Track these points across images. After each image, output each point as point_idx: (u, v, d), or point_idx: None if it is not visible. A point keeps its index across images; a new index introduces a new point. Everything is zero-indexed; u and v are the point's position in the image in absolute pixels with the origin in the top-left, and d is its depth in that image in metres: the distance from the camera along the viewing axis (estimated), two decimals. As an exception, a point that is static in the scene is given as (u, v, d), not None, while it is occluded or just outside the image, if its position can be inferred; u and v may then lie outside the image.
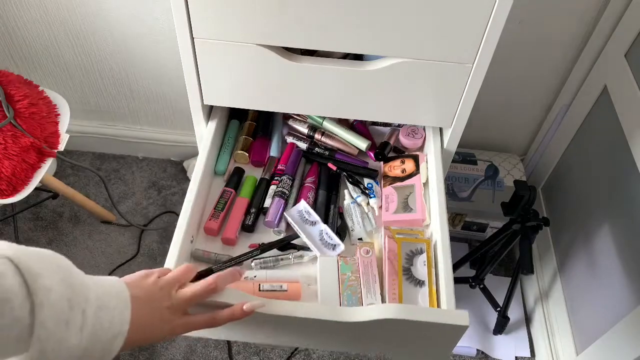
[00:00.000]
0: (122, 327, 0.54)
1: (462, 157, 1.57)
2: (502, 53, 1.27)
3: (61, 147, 1.19)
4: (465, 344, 1.46)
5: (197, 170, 0.89)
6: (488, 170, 1.54)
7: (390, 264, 0.83)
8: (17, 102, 1.12)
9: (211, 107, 0.98)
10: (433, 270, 0.82)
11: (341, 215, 0.94)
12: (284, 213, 0.91)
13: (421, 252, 0.84)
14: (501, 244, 1.34)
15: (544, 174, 1.56)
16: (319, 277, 0.83)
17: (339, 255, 0.86)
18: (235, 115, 1.05)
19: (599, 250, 1.23)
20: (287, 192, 0.94)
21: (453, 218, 1.56)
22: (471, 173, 1.54)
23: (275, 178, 0.97)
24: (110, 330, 0.53)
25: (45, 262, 0.49)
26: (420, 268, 0.82)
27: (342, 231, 0.91)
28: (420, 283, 0.81)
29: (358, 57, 0.88)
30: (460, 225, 1.58)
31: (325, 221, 0.91)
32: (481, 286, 1.48)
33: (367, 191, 0.95)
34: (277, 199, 0.93)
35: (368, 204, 0.94)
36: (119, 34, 1.43)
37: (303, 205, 0.92)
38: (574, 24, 1.28)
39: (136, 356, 1.42)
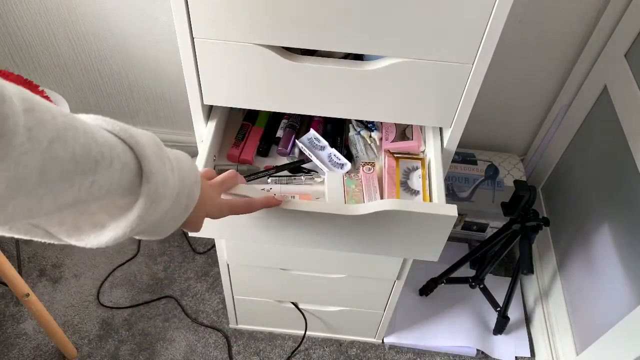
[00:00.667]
0: (197, 175, 0.59)
1: (462, 157, 1.57)
2: (502, 53, 1.27)
3: (61, 147, 1.19)
4: (466, 344, 1.46)
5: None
6: (488, 170, 1.54)
7: (390, 177, 0.94)
8: (17, 102, 1.12)
9: (211, 107, 0.98)
10: (427, 182, 0.93)
11: (347, 147, 1.02)
12: (296, 140, 1.01)
13: (417, 169, 0.95)
14: (501, 244, 1.35)
15: (544, 174, 1.56)
16: (326, 190, 0.93)
17: (345, 173, 0.96)
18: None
19: (599, 250, 1.23)
20: (297, 124, 1.05)
21: (453, 218, 1.56)
22: (471, 173, 1.54)
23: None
24: (190, 176, 0.58)
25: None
26: (416, 180, 0.94)
27: (348, 159, 1.00)
28: (415, 192, 0.93)
29: (358, 57, 0.88)
30: (460, 225, 1.58)
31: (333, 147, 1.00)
32: (481, 286, 1.48)
33: (369, 125, 1.03)
34: (288, 129, 1.04)
35: (370, 136, 1.01)
36: (119, 34, 1.43)
37: (312, 133, 1.01)
38: (574, 24, 1.28)
39: (136, 356, 1.43)
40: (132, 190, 0.49)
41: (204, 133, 0.95)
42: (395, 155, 0.97)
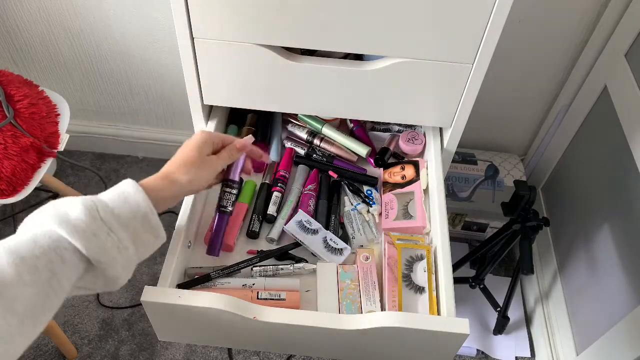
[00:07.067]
0: (144, 211, 0.61)
1: (462, 157, 1.57)
2: (502, 53, 1.27)
3: (61, 147, 1.19)
4: (466, 344, 1.46)
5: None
6: (488, 170, 1.54)
7: (390, 270, 0.82)
8: (17, 102, 1.12)
9: (211, 107, 0.98)
10: (433, 276, 0.81)
11: (342, 225, 0.92)
12: (284, 227, 0.88)
13: (421, 259, 0.83)
14: (501, 244, 1.35)
15: (544, 174, 1.56)
16: (318, 284, 0.82)
17: (339, 264, 0.85)
18: (233, 120, 1.05)
19: (599, 250, 1.24)
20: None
21: (453, 218, 1.56)
22: (471, 173, 1.54)
23: (279, 185, 0.94)
24: (135, 219, 0.60)
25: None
26: (420, 274, 0.81)
27: (344, 241, 0.89)
28: (420, 290, 0.80)
29: (358, 57, 0.88)
30: (460, 225, 1.58)
31: (327, 228, 0.89)
32: (481, 286, 1.48)
33: (367, 199, 0.94)
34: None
35: (368, 211, 0.92)
36: (119, 34, 1.43)
37: (301, 214, 0.89)
38: (574, 24, 1.28)
39: (136, 356, 1.43)
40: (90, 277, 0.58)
41: (204, 133, 0.95)
42: (397, 241, 0.85)
